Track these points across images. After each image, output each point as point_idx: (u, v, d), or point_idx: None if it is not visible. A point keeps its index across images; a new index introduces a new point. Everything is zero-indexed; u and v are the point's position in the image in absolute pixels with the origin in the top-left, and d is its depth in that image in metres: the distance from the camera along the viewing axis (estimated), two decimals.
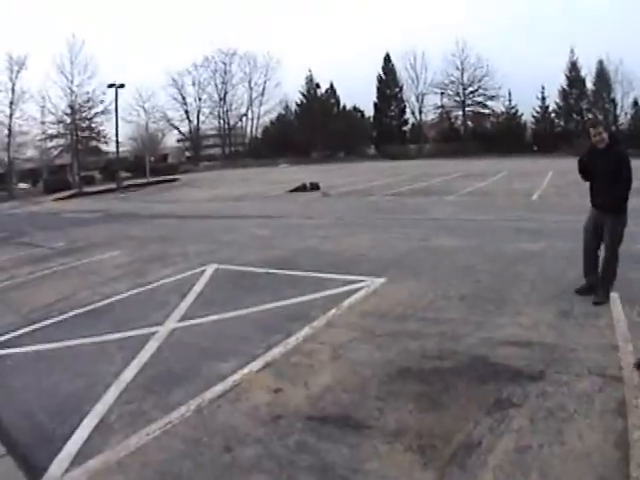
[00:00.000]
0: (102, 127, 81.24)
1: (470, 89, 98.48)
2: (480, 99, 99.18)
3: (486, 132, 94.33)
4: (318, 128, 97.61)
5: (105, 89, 71.44)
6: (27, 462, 5.44)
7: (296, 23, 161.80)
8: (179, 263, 14.33)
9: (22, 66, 75.62)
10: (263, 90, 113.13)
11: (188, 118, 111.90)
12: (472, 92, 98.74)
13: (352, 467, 4.87)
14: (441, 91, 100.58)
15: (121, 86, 66.08)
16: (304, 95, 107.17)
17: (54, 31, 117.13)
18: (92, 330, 9.27)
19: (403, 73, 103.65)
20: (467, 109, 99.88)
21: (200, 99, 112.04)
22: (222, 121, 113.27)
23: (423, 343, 7.56)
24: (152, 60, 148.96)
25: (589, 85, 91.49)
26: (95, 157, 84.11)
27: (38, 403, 6.73)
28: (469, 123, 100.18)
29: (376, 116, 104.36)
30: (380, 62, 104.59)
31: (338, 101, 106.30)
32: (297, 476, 4.83)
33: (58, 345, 8.75)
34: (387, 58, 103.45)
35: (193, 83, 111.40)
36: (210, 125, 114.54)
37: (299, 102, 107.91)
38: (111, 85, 66.16)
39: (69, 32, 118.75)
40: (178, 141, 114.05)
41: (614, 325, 7.83)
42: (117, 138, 70.17)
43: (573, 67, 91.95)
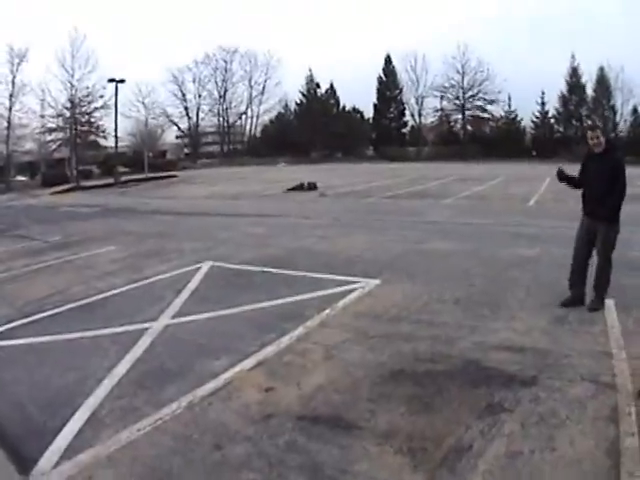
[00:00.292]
0: (101, 122, 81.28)
1: (470, 93, 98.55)
2: (480, 103, 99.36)
3: (485, 136, 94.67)
4: (317, 128, 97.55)
5: (105, 84, 71.20)
6: (17, 454, 5.41)
7: (297, 22, 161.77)
8: (175, 259, 14.32)
9: (23, 58, 75.39)
10: (263, 89, 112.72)
11: (187, 115, 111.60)
12: (472, 96, 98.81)
13: (342, 468, 4.86)
14: (441, 94, 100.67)
15: (121, 81, 65.81)
16: (304, 95, 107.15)
17: (56, 24, 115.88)
18: (86, 324, 9.23)
19: (403, 75, 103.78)
20: (467, 113, 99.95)
21: (200, 96, 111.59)
22: (221, 119, 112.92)
23: (416, 346, 7.56)
24: (153, 56, 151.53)
25: (589, 92, 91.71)
26: (94, 151, 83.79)
27: (29, 396, 6.69)
28: (468, 127, 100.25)
29: (375, 117, 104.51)
30: (381, 63, 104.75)
31: (338, 101, 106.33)
32: (287, 475, 4.80)
33: (51, 338, 8.72)
34: (388, 59, 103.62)
35: (193, 80, 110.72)
36: (209, 122, 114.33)
37: (299, 102, 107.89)
38: (111, 80, 65.79)
39: (71, 26, 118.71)
40: (177, 137, 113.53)
41: (608, 332, 7.83)
42: (116, 133, 70.02)
43: (574, 73, 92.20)
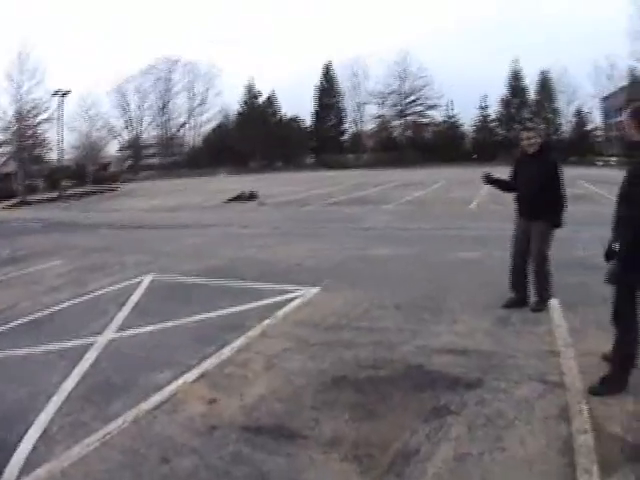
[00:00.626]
0: (47, 135, 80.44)
1: (411, 98, 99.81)
2: (420, 108, 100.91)
3: (425, 141, 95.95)
4: (257, 138, 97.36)
5: (52, 95, 70.47)
6: None
7: (240, 32, 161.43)
8: (118, 273, 14.06)
9: None
10: (204, 99, 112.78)
11: (129, 126, 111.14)
12: (412, 102, 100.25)
13: (289, 477, 4.79)
14: (381, 100, 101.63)
15: (66, 93, 65.25)
16: (244, 104, 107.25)
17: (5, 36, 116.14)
18: (34, 340, 9.04)
19: (344, 83, 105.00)
20: (407, 118, 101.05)
21: (142, 107, 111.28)
22: (163, 130, 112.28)
23: (358, 352, 7.50)
24: (99, 68, 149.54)
25: (532, 94, 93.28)
26: (39, 165, 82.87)
27: None
28: (409, 132, 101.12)
29: (316, 125, 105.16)
30: (322, 71, 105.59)
31: (277, 110, 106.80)
32: None
33: (3, 354, 8.54)
34: (328, 67, 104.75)
35: (135, 91, 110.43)
36: (151, 134, 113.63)
37: (238, 111, 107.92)
38: (56, 92, 65.25)
39: (20, 37, 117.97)
40: (119, 150, 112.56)
41: (554, 331, 7.88)
42: (61, 146, 69.54)
43: (516, 76, 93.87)
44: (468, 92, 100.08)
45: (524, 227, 8.98)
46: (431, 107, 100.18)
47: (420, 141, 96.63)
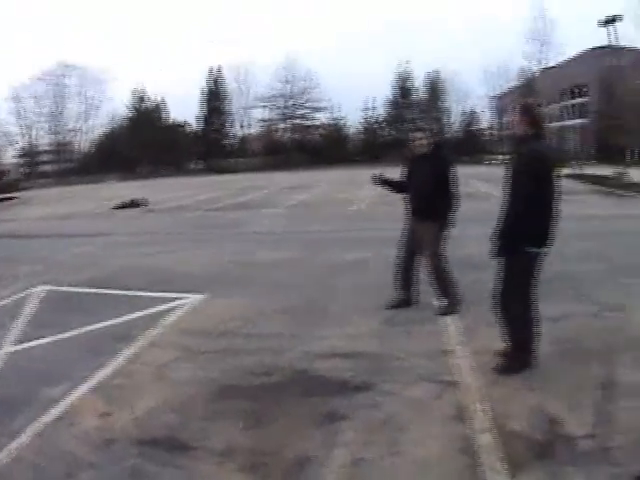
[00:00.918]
0: None
1: (298, 101, 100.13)
2: (307, 111, 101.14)
3: (312, 144, 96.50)
4: (145, 143, 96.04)
5: None
6: None
7: (131, 37, 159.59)
8: (10, 285, 13.48)
9: None
10: (95, 105, 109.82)
11: (25, 133, 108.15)
12: (299, 104, 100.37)
13: None
14: (268, 104, 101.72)
15: None
16: (133, 109, 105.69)
17: None
18: None
19: (231, 87, 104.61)
20: (293, 121, 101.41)
21: (36, 113, 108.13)
22: (56, 136, 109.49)
23: (246, 359, 7.42)
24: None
25: (422, 94, 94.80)
26: None
27: None
28: (295, 135, 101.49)
29: (204, 130, 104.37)
30: (210, 75, 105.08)
31: (164, 115, 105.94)
32: None
33: None
34: (215, 71, 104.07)
35: (31, 97, 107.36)
36: (46, 140, 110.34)
37: (126, 117, 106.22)
38: None
39: None
40: (15, 157, 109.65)
41: (445, 330, 7.99)
42: None
43: (405, 77, 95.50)
44: (360, 94, 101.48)
45: (414, 227, 9.01)
46: (317, 110, 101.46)
47: (306, 144, 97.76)
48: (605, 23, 49.85)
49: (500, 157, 74.33)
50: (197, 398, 6.39)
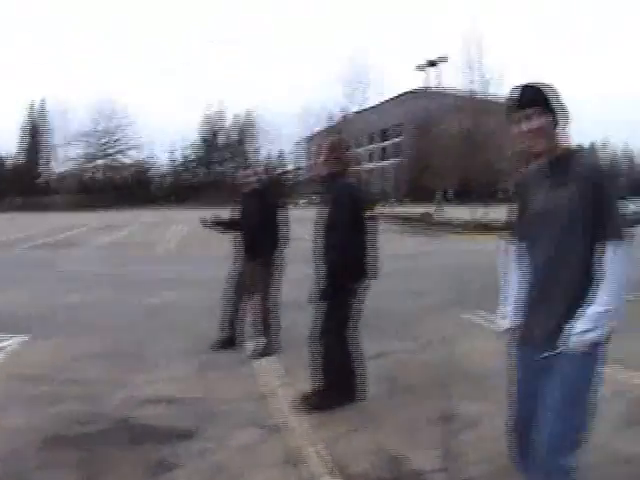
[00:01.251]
0: None
1: (112, 139, 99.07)
2: (120, 149, 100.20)
3: (123, 183, 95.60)
4: None
5: None
6: None
7: None
8: None
9: None
10: None
11: None
12: (112, 142, 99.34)
13: None
14: (82, 141, 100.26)
15: None
16: None
17: None
18: None
19: (52, 122, 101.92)
20: (104, 160, 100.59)
21: None
22: None
23: (68, 406, 6.86)
24: None
25: (233, 135, 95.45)
26: None
27: None
28: (108, 174, 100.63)
29: (20, 166, 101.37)
30: (30, 110, 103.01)
31: None
32: None
33: None
34: (36, 107, 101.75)
35: None
36: None
37: None
38: None
39: None
40: None
41: (265, 372, 7.89)
42: None
43: (218, 118, 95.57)
44: (169, 134, 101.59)
45: (242, 266, 9.03)
46: (130, 149, 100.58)
47: (118, 183, 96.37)
48: (426, 66, 51.25)
49: (308, 199, 75.75)
50: (23, 448, 5.82)
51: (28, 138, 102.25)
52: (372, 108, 78.09)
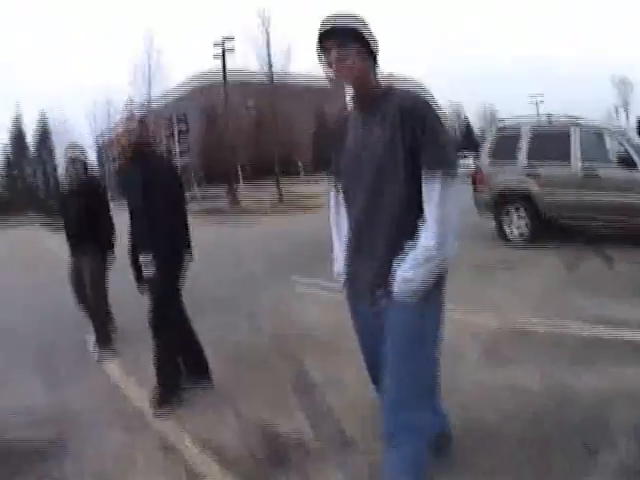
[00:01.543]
0: None
1: None
2: None
3: None
4: None
5: None
6: None
7: None
8: None
9: None
10: None
11: None
12: None
13: None
14: None
15: None
16: None
17: None
18: None
19: None
20: None
21: None
22: None
23: None
24: None
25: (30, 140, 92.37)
26: None
27: None
28: None
29: None
30: None
31: None
32: None
33: None
34: None
35: None
36: None
37: None
38: None
39: None
40: None
41: (108, 372, 7.51)
42: None
43: (16, 122, 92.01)
44: None
45: (75, 264, 8.72)
46: None
47: None
48: (215, 47, 50.05)
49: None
50: None
51: None
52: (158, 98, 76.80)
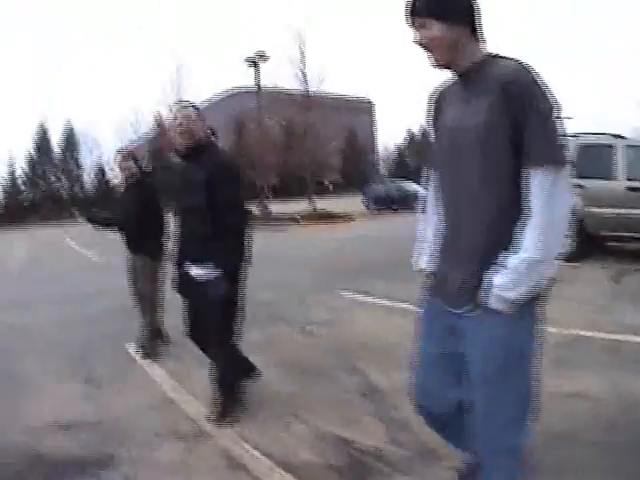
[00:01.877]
0: None
1: None
2: None
3: None
4: None
5: None
6: None
7: None
8: None
9: None
10: None
11: None
12: None
13: None
14: None
15: None
16: None
17: None
18: None
19: None
20: None
21: None
22: None
23: None
24: None
25: (56, 148, 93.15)
26: None
27: None
28: None
29: None
30: None
31: None
32: None
33: None
34: None
35: None
36: None
37: None
38: None
39: None
40: None
41: (157, 381, 7.23)
42: None
43: (41, 130, 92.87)
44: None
45: (131, 262, 8.52)
46: None
47: None
48: (248, 64, 50.01)
49: None
50: None
51: None
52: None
